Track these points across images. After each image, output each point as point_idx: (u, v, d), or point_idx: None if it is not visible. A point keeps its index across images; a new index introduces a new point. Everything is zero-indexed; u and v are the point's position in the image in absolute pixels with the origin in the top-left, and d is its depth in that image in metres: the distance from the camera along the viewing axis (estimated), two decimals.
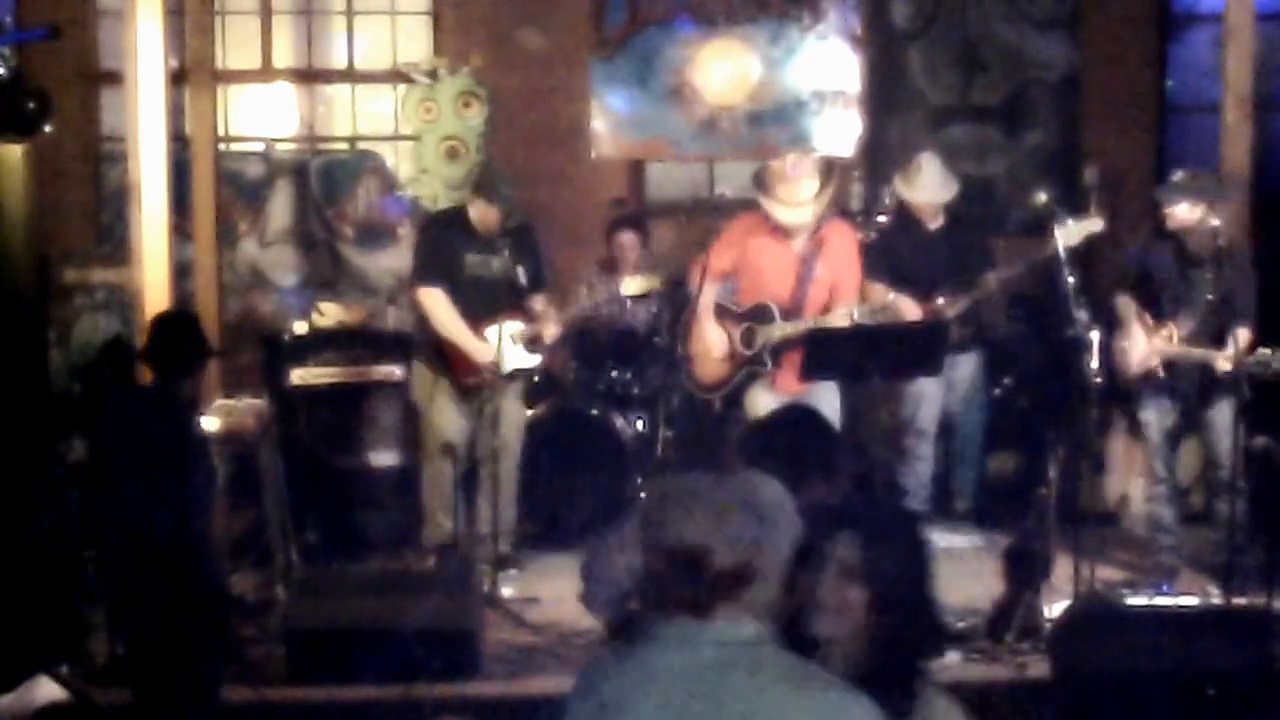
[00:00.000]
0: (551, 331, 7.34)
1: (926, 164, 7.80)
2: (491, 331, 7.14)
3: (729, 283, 7.23)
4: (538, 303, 7.38)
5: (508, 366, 7.19)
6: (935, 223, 7.79)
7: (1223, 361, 6.62)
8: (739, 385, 7.12)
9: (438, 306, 7.20)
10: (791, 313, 6.98)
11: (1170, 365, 6.85)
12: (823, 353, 6.72)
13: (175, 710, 5.32)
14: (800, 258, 7.00)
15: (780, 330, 6.96)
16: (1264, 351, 6.52)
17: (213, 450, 6.21)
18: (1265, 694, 5.46)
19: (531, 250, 7.40)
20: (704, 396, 7.43)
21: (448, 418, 7.28)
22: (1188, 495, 7.66)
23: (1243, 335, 6.70)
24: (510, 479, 7.34)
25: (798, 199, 6.89)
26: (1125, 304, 6.99)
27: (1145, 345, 6.86)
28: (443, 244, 7.30)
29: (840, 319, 6.81)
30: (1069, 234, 7.02)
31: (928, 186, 7.74)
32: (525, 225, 7.48)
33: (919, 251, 7.71)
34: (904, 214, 7.95)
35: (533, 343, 7.30)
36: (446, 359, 7.26)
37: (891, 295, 7.08)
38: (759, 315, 7.04)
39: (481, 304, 7.20)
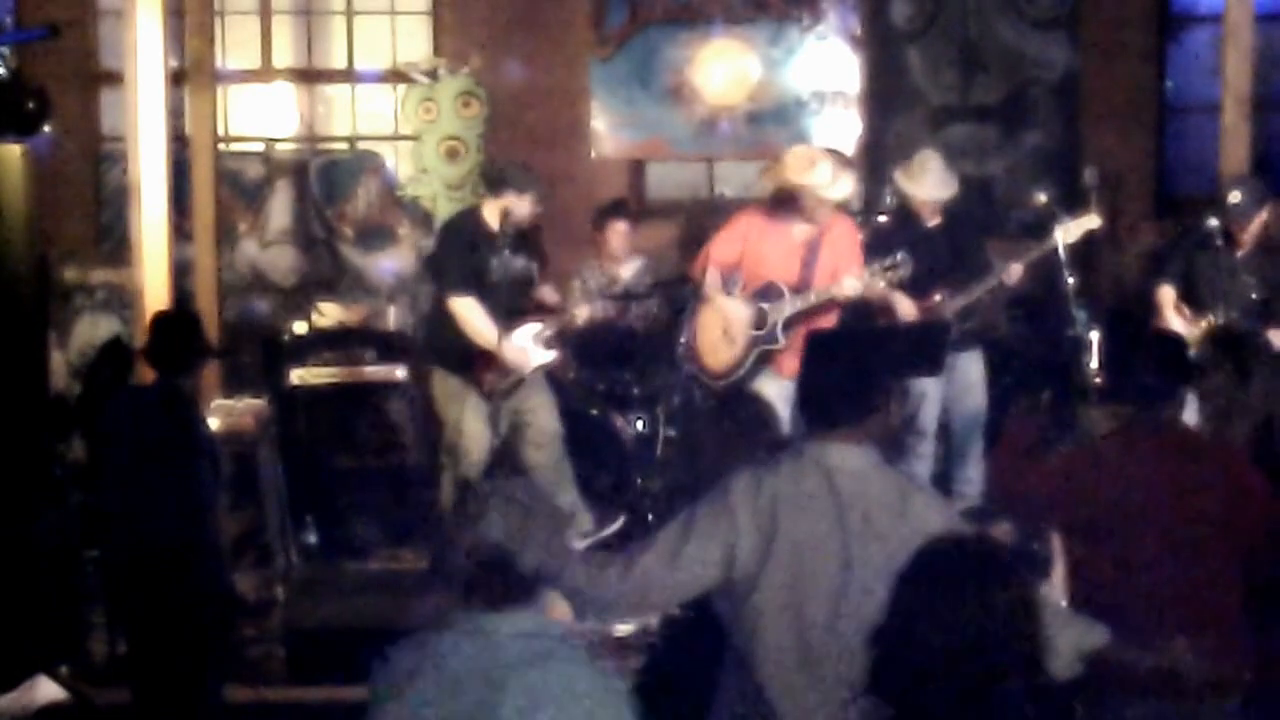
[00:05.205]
0: (585, 313, 7.37)
1: (929, 160, 7.80)
2: (519, 335, 7.10)
3: (734, 276, 7.24)
4: (548, 293, 7.38)
5: (533, 365, 7.16)
6: (934, 220, 7.79)
7: (1277, 339, 6.64)
8: (750, 370, 7.10)
9: (473, 315, 7.04)
10: (799, 293, 7.00)
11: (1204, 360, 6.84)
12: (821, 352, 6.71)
13: (176, 710, 5.32)
14: (804, 243, 7.02)
15: (791, 305, 6.98)
16: None
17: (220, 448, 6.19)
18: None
19: (539, 246, 7.40)
20: (715, 385, 7.38)
21: (476, 430, 7.14)
22: None
23: None
24: (563, 468, 7.28)
25: (825, 179, 6.94)
26: (1165, 293, 6.98)
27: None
28: (469, 250, 7.17)
29: (850, 286, 6.83)
30: (1068, 232, 7.01)
31: (929, 183, 7.74)
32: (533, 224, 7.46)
33: (917, 249, 7.69)
34: (903, 211, 7.96)
35: (550, 341, 7.27)
36: (473, 366, 7.12)
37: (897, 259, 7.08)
38: (768, 294, 7.05)
39: (505, 306, 7.09)
